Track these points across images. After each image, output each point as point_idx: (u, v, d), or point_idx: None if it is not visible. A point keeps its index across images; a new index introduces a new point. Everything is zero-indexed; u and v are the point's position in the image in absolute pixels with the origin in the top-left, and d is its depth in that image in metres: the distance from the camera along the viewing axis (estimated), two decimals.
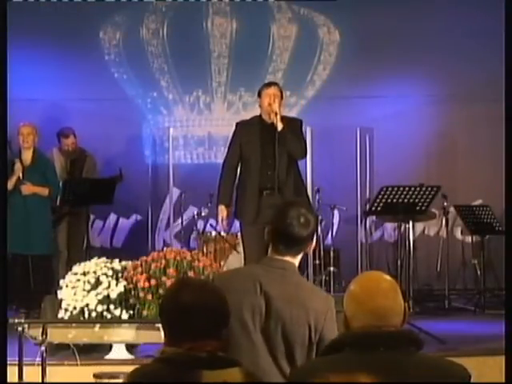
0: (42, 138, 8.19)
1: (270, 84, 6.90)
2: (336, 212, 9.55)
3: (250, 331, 3.18)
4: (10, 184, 7.76)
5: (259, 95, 6.77)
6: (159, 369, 2.56)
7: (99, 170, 8.97)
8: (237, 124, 6.98)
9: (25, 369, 4.94)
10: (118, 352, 5.83)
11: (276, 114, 6.56)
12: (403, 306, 2.63)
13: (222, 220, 6.79)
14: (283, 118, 6.67)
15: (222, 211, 6.75)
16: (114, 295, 5.80)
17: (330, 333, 3.22)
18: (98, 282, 5.89)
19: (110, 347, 5.88)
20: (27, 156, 8.04)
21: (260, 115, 6.78)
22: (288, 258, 3.31)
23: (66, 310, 5.89)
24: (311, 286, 3.45)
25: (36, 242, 7.90)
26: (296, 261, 3.34)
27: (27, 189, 7.91)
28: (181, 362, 2.54)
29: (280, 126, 6.55)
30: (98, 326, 5.80)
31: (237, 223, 7.33)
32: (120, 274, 5.94)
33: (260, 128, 6.73)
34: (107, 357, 5.83)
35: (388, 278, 2.66)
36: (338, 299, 2.72)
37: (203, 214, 9.02)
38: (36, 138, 8.07)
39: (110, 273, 5.92)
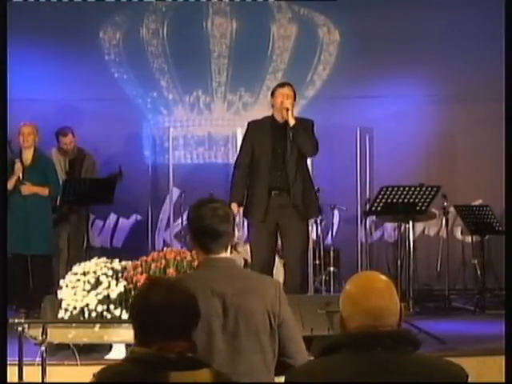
0: (41, 137, 8.18)
1: (283, 84, 6.93)
2: (336, 212, 9.55)
3: (214, 333, 3.18)
4: (10, 184, 7.76)
5: (272, 95, 6.80)
6: (128, 369, 2.53)
7: (99, 170, 8.95)
8: (249, 123, 6.98)
9: (25, 369, 4.92)
10: (118, 352, 5.82)
11: (287, 110, 6.59)
12: (399, 306, 2.62)
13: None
14: (295, 118, 6.70)
15: (234, 208, 6.76)
16: (113, 295, 5.80)
17: (287, 314, 3.30)
18: (97, 282, 5.89)
19: (110, 347, 5.88)
20: (28, 155, 8.03)
21: (272, 115, 6.80)
22: (224, 255, 3.33)
23: (66, 309, 5.89)
24: (258, 275, 3.52)
25: (36, 242, 7.89)
26: (228, 254, 3.36)
27: (27, 189, 7.90)
28: (149, 362, 2.51)
29: (292, 122, 6.58)
30: (97, 326, 5.80)
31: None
32: (120, 274, 5.94)
33: (271, 128, 6.75)
34: (107, 357, 5.81)
35: (383, 277, 2.66)
36: (338, 299, 2.72)
37: None
38: (36, 138, 8.06)
39: (110, 273, 5.92)
